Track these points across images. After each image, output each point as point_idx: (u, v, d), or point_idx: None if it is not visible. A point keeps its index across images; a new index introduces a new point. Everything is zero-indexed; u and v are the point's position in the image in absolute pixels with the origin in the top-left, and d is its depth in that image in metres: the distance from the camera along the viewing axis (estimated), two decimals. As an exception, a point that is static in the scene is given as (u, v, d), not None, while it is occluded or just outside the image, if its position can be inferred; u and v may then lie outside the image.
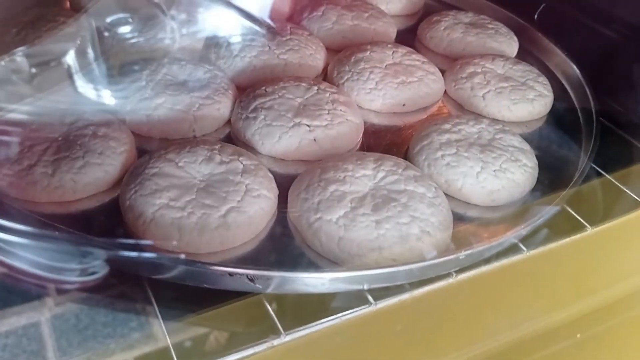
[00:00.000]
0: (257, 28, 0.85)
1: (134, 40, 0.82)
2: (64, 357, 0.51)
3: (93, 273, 0.51)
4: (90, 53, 0.73)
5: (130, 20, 0.85)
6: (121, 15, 0.84)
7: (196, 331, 0.55)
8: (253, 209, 0.59)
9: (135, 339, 0.53)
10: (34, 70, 0.68)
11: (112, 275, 0.52)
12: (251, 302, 0.56)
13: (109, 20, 0.81)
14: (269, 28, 0.86)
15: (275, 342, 0.52)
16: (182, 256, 0.54)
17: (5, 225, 0.50)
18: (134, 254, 0.51)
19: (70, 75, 0.69)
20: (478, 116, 0.76)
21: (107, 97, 0.72)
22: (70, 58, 0.70)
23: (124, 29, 0.83)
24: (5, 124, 0.65)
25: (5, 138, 0.64)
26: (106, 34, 0.83)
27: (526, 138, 0.74)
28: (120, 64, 0.78)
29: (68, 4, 0.96)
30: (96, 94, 0.71)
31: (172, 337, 0.53)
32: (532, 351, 0.61)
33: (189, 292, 0.56)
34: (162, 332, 0.53)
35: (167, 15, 0.87)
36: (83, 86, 0.71)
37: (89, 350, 0.52)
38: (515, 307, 0.62)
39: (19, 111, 0.67)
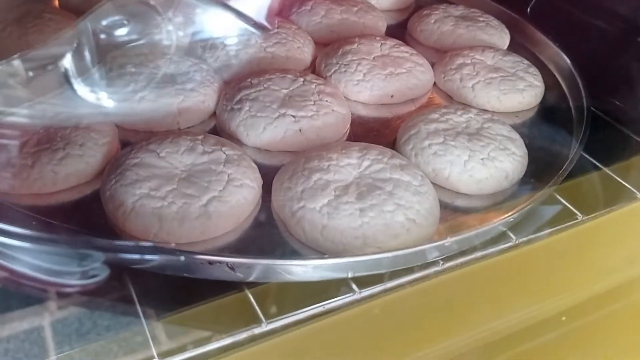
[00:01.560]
0: (251, 29, 0.84)
1: (129, 42, 0.81)
2: (66, 360, 0.51)
3: (94, 276, 0.50)
4: (87, 56, 0.73)
5: (125, 22, 0.84)
6: (117, 17, 0.83)
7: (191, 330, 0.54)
8: (235, 198, 0.58)
9: (138, 342, 0.52)
10: (30, 73, 0.68)
11: (113, 278, 0.51)
12: (237, 295, 0.55)
13: (104, 23, 0.81)
14: (263, 28, 0.85)
15: (257, 330, 0.51)
16: (173, 245, 0.53)
17: (3, 229, 0.49)
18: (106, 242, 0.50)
19: (60, 76, 0.69)
20: (466, 106, 0.75)
21: (91, 91, 0.71)
22: (67, 61, 0.70)
23: (120, 32, 0.82)
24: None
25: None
26: (102, 36, 0.82)
27: (517, 128, 0.73)
28: (110, 62, 0.78)
29: (56, 1, 0.95)
30: (80, 90, 0.70)
31: (171, 339, 0.52)
32: (520, 342, 0.60)
33: (192, 289, 0.55)
34: (163, 334, 0.52)
35: (164, 17, 0.87)
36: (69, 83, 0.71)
37: (91, 354, 0.51)
38: (503, 297, 0.61)
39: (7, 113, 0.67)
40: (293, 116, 0.69)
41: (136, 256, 0.50)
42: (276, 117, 0.69)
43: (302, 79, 0.74)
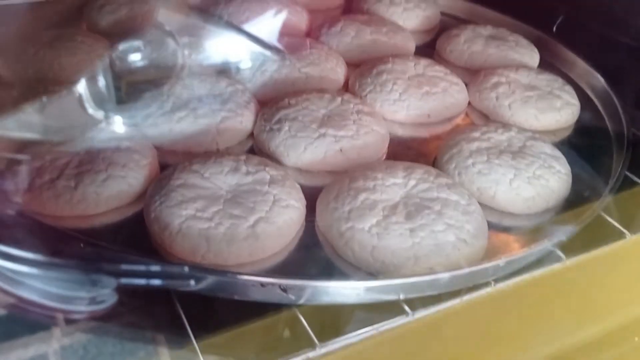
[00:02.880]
0: (267, 52, 0.84)
1: (144, 66, 0.81)
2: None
3: (102, 302, 0.49)
4: (102, 80, 0.73)
5: (142, 47, 0.84)
6: (135, 42, 0.84)
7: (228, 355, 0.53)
8: (282, 219, 0.58)
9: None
10: (44, 99, 0.68)
11: (121, 304, 0.50)
12: (285, 315, 0.54)
13: (121, 48, 0.81)
14: (278, 52, 0.85)
15: (311, 354, 0.50)
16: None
17: (11, 254, 0.48)
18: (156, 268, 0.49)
19: (81, 102, 0.69)
20: (506, 124, 0.74)
21: (128, 115, 0.71)
22: (81, 86, 0.69)
23: (135, 57, 0.82)
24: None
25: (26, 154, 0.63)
26: (117, 62, 0.83)
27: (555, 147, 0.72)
28: (134, 86, 0.78)
29: (85, 25, 0.95)
30: (118, 114, 0.70)
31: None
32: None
33: (201, 318, 0.54)
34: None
35: (180, 43, 0.87)
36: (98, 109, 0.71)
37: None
38: (556, 317, 0.60)
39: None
40: (334, 136, 0.68)
41: (190, 279, 0.49)
42: (316, 137, 0.68)
43: (339, 99, 0.73)
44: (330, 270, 0.57)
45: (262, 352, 0.51)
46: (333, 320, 0.54)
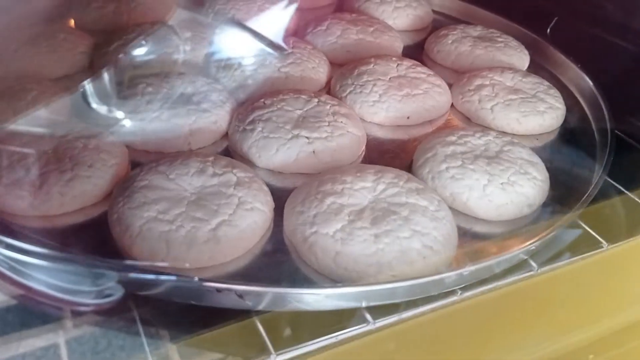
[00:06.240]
0: (267, 49, 0.83)
1: (147, 62, 0.81)
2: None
3: (108, 295, 0.49)
4: (106, 77, 0.72)
5: (143, 42, 0.84)
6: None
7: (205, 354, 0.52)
8: (245, 222, 0.57)
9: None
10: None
11: (128, 298, 0.50)
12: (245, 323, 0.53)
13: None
14: (280, 49, 0.84)
15: (265, 362, 0.49)
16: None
17: (17, 246, 0.48)
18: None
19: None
20: (485, 128, 0.73)
21: (106, 110, 0.70)
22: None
23: (139, 51, 0.82)
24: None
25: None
26: (120, 56, 0.82)
27: (537, 152, 0.70)
28: (123, 80, 0.77)
29: (72, 21, 0.95)
30: (95, 108, 0.70)
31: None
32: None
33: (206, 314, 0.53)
34: (177, 356, 0.50)
35: (180, 36, 0.86)
36: (79, 100, 0.71)
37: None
38: (524, 328, 0.58)
39: (14, 123, 0.66)
40: (307, 137, 0.67)
41: (145, 277, 0.48)
42: (289, 138, 0.67)
43: (316, 100, 0.72)
44: (293, 276, 0.56)
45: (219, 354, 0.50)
46: (292, 328, 0.53)
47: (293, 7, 0.96)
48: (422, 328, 0.54)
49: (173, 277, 0.49)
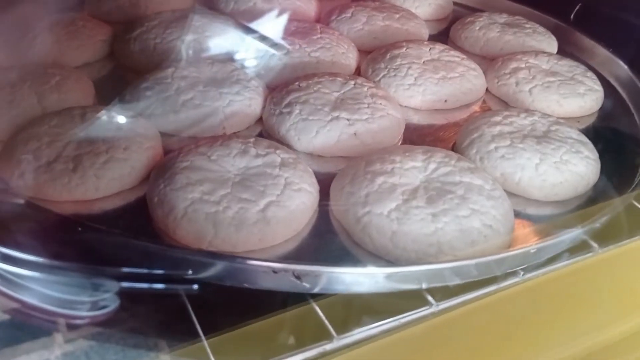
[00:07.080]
0: (271, 50, 0.81)
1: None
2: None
3: (104, 307, 0.46)
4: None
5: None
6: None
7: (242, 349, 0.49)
8: (294, 203, 0.54)
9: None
10: None
11: (122, 309, 0.47)
12: (299, 308, 0.50)
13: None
14: (282, 48, 0.81)
15: (328, 347, 0.46)
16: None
17: (13, 256, 0.44)
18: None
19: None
20: (528, 109, 0.70)
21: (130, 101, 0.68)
22: None
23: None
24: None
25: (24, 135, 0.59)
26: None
27: (580, 134, 0.68)
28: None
29: (87, 11, 0.92)
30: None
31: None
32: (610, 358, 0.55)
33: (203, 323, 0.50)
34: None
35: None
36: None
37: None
38: (588, 310, 0.55)
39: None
40: (347, 119, 0.64)
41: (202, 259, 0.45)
42: (329, 120, 0.64)
43: (352, 82, 0.70)
44: (345, 258, 0.53)
45: (276, 346, 0.47)
46: (350, 313, 0.50)
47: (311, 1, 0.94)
48: (486, 310, 0.51)
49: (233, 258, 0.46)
